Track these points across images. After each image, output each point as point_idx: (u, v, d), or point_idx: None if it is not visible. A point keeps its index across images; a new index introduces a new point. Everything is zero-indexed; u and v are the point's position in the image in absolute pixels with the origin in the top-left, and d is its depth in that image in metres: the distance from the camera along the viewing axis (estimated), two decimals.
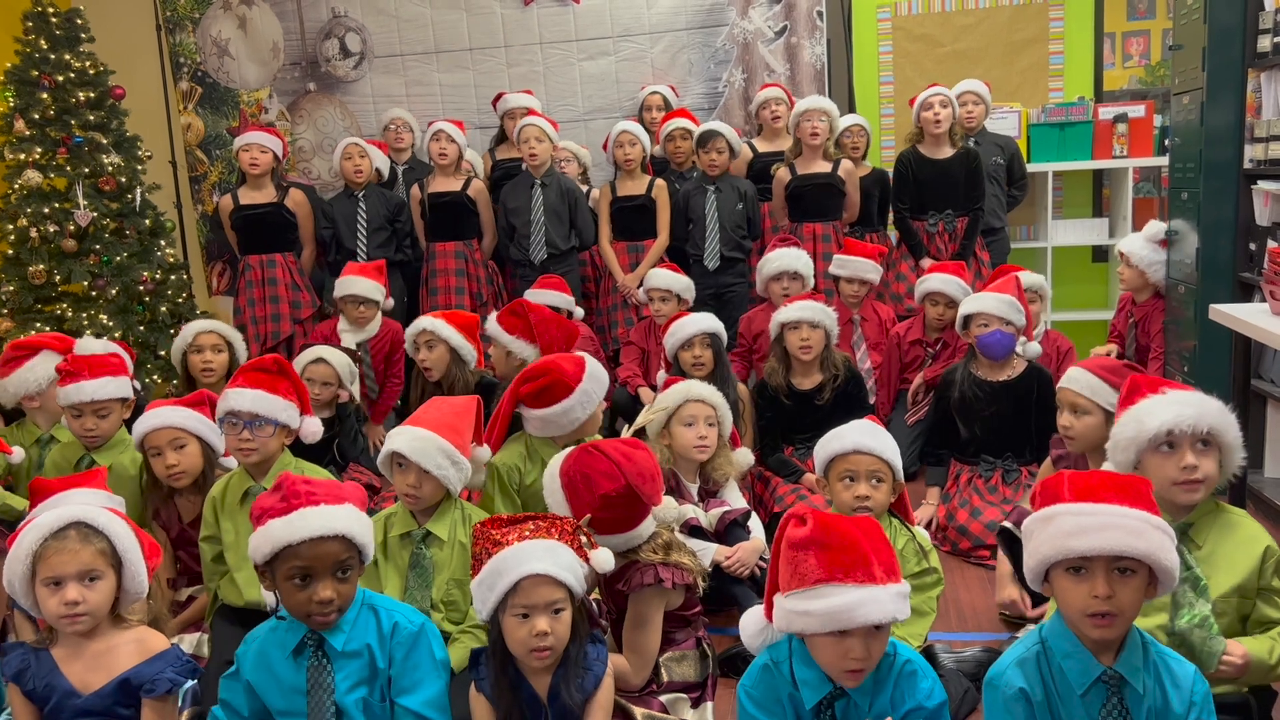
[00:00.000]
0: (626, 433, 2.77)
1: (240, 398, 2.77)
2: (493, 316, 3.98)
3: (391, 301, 4.91)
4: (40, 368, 3.52)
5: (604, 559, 2.17)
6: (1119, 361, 3.01)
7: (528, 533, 2.05)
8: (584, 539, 2.15)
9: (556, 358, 3.05)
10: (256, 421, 2.78)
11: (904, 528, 2.58)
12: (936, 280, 4.32)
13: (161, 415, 2.95)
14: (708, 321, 3.91)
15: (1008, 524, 2.82)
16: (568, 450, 2.53)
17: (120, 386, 3.27)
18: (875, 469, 2.53)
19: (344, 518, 2.01)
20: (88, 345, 3.45)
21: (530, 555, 2.00)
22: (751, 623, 2.02)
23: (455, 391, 3.73)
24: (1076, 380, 2.89)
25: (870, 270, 4.61)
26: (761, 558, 3.04)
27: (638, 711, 2.32)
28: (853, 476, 2.54)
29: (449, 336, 3.89)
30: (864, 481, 2.52)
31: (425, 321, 3.94)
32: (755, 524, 3.16)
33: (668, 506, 2.56)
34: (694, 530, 2.95)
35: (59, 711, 2.05)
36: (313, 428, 2.92)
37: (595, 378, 3.01)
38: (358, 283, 4.68)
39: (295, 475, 2.11)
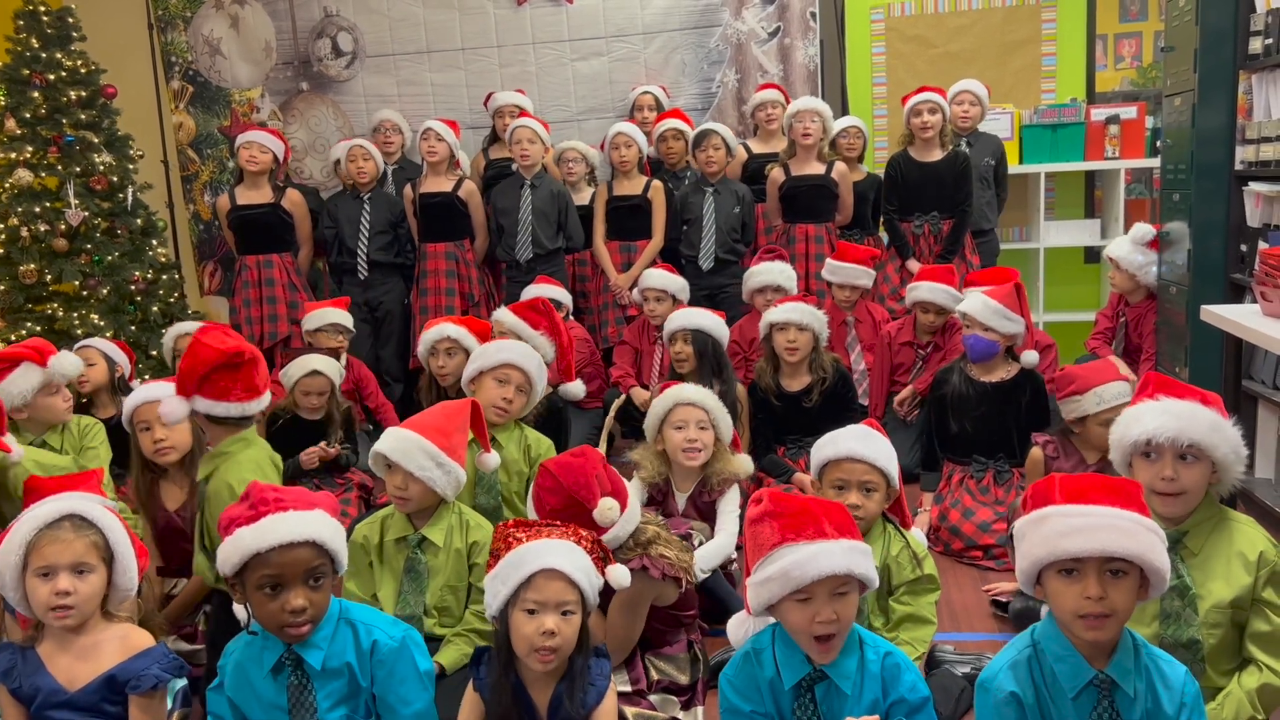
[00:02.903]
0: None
1: None
2: (504, 310, 3.95)
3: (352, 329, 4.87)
4: (22, 380, 3.46)
5: (620, 575, 2.17)
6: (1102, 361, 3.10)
7: (546, 533, 2.05)
8: (602, 552, 2.14)
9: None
10: None
11: (898, 534, 2.54)
12: (926, 290, 4.32)
13: (154, 390, 2.96)
14: (686, 318, 3.93)
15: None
16: None
17: None
18: (867, 478, 2.46)
19: (314, 523, 1.96)
20: (63, 362, 3.44)
21: (549, 550, 2.00)
22: (734, 622, 2.05)
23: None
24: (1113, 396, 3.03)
25: (862, 276, 4.61)
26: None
27: (629, 711, 2.32)
28: (844, 485, 2.48)
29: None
30: (855, 491, 2.46)
31: (449, 329, 3.86)
32: (716, 545, 3.06)
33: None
34: None
35: (45, 708, 2.05)
36: None
37: None
38: (332, 312, 4.61)
39: (264, 484, 2.07)
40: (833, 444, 2.51)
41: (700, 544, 3.03)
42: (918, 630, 2.46)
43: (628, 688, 2.42)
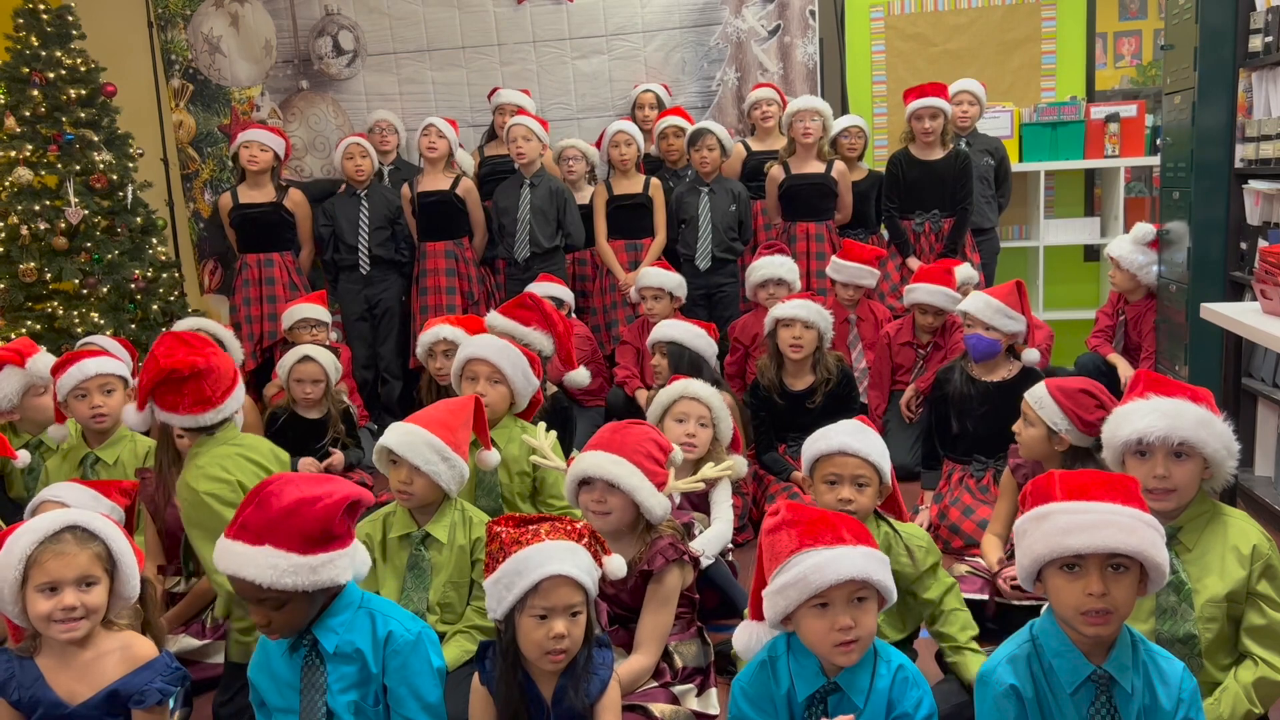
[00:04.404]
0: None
1: None
2: (493, 313, 3.95)
3: (336, 336, 4.89)
4: (5, 384, 3.49)
5: (617, 565, 2.17)
6: (1080, 381, 2.92)
7: (545, 532, 2.03)
8: (598, 544, 2.14)
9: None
10: None
11: (890, 529, 2.48)
12: (923, 292, 4.31)
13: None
14: (663, 330, 3.95)
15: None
16: None
17: (120, 367, 3.33)
18: (860, 473, 2.42)
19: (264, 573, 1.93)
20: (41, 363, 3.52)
21: (553, 556, 1.98)
22: (741, 632, 2.04)
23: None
24: (1032, 393, 2.90)
25: (867, 276, 4.62)
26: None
27: (656, 709, 2.32)
28: (836, 479, 2.43)
29: None
30: (848, 485, 2.42)
31: (444, 330, 3.86)
32: (715, 532, 3.10)
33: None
34: None
35: None
36: None
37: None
38: (304, 308, 4.69)
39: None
40: (825, 439, 2.46)
41: (699, 533, 3.05)
42: (959, 624, 2.43)
43: (654, 684, 2.42)
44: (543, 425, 2.97)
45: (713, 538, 3.04)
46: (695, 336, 3.93)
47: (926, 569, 2.44)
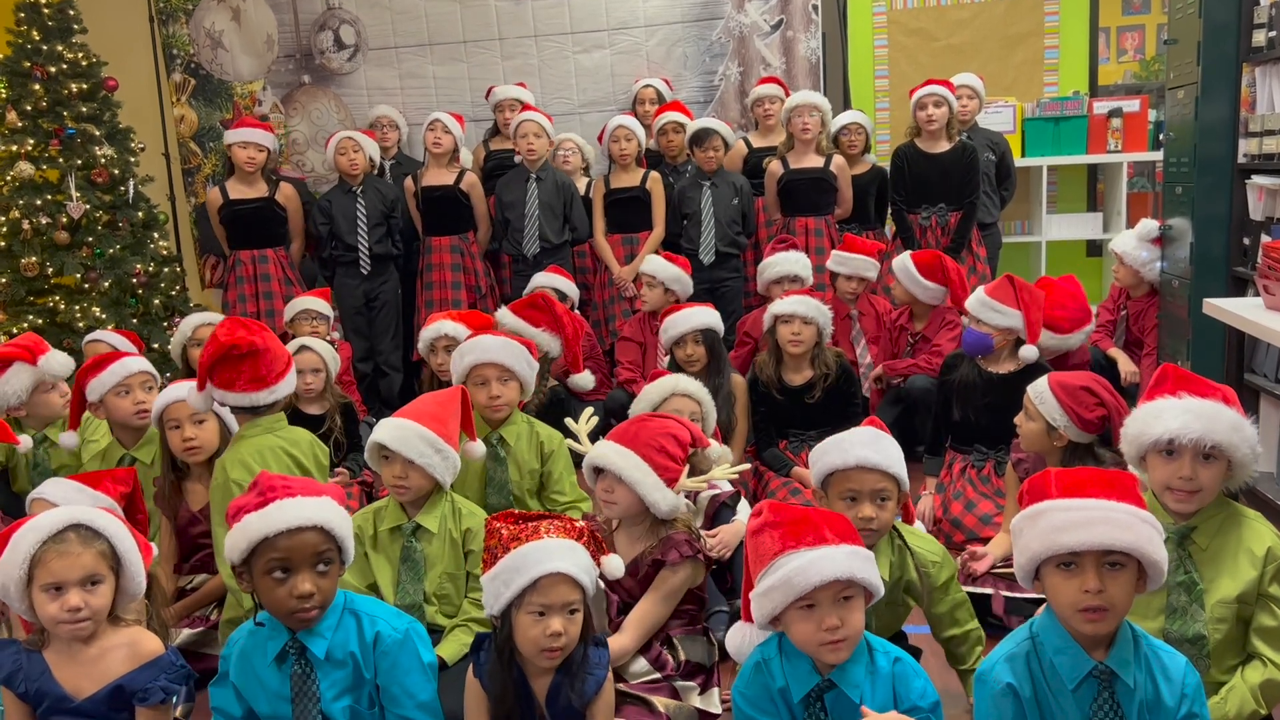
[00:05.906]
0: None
1: None
2: (504, 310, 3.95)
3: (338, 334, 4.88)
4: (15, 380, 3.49)
5: (615, 566, 2.19)
6: (1082, 377, 2.87)
7: (545, 530, 2.03)
8: (596, 544, 2.15)
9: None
10: None
11: (906, 548, 2.33)
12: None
13: (183, 389, 3.01)
14: (698, 318, 3.91)
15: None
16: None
17: (152, 366, 3.42)
18: (880, 486, 2.23)
19: (320, 509, 2.00)
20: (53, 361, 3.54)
21: (553, 553, 1.98)
22: (734, 633, 2.04)
23: None
24: (1034, 387, 2.86)
25: (869, 269, 4.61)
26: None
27: (659, 702, 2.32)
28: (855, 496, 2.24)
29: None
30: (868, 502, 2.23)
31: (446, 326, 3.85)
32: (744, 507, 3.12)
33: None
34: None
35: (52, 714, 2.03)
36: None
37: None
38: (307, 300, 4.70)
39: (272, 474, 2.10)
40: (840, 451, 2.25)
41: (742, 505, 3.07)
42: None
43: (656, 675, 2.42)
44: (589, 410, 2.97)
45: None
46: (717, 318, 3.96)
47: (938, 586, 2.34)
